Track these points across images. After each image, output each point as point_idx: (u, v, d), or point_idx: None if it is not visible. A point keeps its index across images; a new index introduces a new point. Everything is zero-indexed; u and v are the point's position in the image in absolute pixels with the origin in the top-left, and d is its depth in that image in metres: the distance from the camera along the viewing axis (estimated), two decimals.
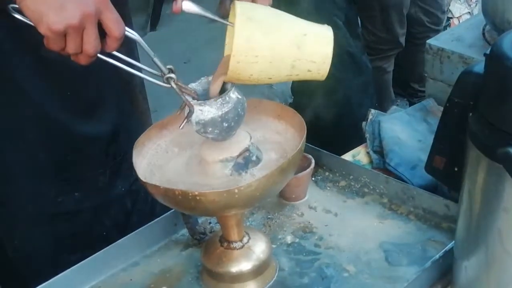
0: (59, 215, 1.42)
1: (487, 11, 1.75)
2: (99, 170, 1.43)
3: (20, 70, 1.28)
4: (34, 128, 1.34)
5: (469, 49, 1.77)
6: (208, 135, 1.10)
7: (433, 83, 1.83)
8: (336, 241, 1.33)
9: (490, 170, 0.96)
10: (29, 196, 1.40)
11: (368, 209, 1.41)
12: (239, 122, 1.11)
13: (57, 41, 0.97)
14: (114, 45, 1.01)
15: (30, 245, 1.45)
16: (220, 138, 1.12)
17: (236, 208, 1.12)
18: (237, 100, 1.10)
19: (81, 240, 1.44)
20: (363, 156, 1.65)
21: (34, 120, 1.33)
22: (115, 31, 0.99)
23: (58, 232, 1.44)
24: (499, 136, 0.92)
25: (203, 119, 1.08)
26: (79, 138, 1.38)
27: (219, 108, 1.08)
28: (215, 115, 1.08)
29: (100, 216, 1.46)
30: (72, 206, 1.42)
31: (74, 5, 0.95)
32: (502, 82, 0.92)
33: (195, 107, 1.07)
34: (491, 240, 1.01)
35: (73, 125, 1.36)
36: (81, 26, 0.96)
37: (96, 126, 1.40)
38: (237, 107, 1.10)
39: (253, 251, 1.22)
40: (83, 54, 0.99)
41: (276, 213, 1.42)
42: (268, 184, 1.08)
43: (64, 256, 1.40)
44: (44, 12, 0.95)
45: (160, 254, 1.35)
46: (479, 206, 1.02)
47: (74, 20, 0.95)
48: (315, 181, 1.49)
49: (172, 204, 1.12)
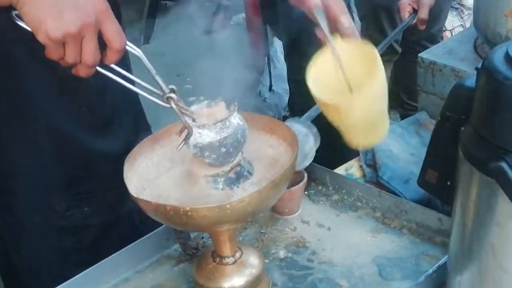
0: (67, 229, 1.43)
1: (479, 25, 1.75)
2: (110, 186, 1.42)
3: (35, 84, 1.29)
4: (47, 141, 1.35)
5: (461, 62, 1.78)
6: (205, 159, 1.09)
7: (426, 96, 1.83)
8: (329, 255, 1.32)
9: (483, 184, 0.96)
10: (38, 208, 1.41)
11: (361, 223, 1.40)
12: (238, 148, 1.10)
13: (55, 49, 0.96)
14: (114, 58, 1.00)
15: (36, 255, 1.45)
16: (217, 164, 1.10)
17: (228, 224, 1.11)
18: (237, 126, 1.09)
19: (87, 254, 1.43)
20: (356, 169, 1.65)
21: (47, 133, 1.34)
22: (116, 43, 0.98)
23: (64, 245, 1.44)
24: (491, 150, 0.92)
25: (201, 142, 1.07)
26: (92, 153, 1.38)
27: (218, 133, 1.07)
28: (213, 140, 1.07)
29: (108, 232, 1.46)
30: (80, 221, 1.43)
31: (73, 14, 0.94)
32: (494, 96, 0.92)
33: (194, 130, 1.06)
34: (484, 255, 1.00)
35: (87, 141, 1.37)
36: (80, 35, 0.95)
37: (110, 143, 1.40)
38: (237, 133, 1.08)
39: (245, 267, 1.21)
40: (82, 65, 0.98)
41: (269, 227, 1.41)
42: (260, 199, 1.07)
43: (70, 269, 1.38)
44: (42, 20, 0.94)
45: (152, 269, 1.34)
46: (472, 220, 1.02)
47: (73, 28, 0.94)
48: (308, 195, 1.49)
49: (163, 219, 1.11)
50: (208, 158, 1.08)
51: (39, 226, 1.41)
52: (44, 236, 1.42)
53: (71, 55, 0.97)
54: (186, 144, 1.07)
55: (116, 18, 0.99)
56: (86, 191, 1.41)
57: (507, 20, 1.64)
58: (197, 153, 1.08)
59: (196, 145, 1.07)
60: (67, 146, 1.35)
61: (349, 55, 1.13)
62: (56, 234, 1.42)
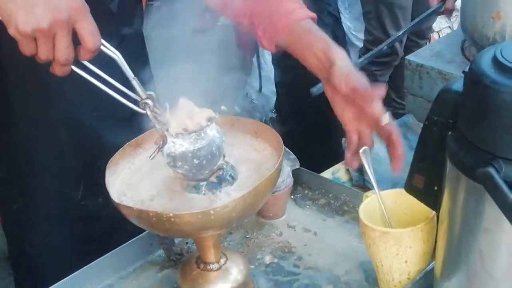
0: (81, 218, 1.45)
1: (466, 27, 1.74)
2: None
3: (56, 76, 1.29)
4: (65, 130, 1.38)
5: (449, 65, 1.77)
6: (178, 169, 1.07)
7: (413, 99, 1.82)
8: (315, 261, 1.31)
9: (470, 190, 0.94)
10: (54, 195, 1.43)
11: (348, 227, 1.39)
12: (213, 162, 1.08)
13: (26, 44, 0.95)
14: (88, 56, 0.99)
15: (48, 243, 1.47)
16: (190, 176, 1.08)
17: (212, 230, 1.09)
18: (213, 139, 1.07)
19: (97, 246, 1.43)
20: (343, 173, 1.64)
21: (66, 123, 1.37)
22: (89, 43, 0.98)
23: (76, 234, 1.46)
24: (478, 155, 0.90)
25: (174, 152, 1.05)
26: (108, 145, 1.35)
27: (191, 143, 1.05)
28: (186, 150, 1.05)
29: (118, 224, 1.42)
30: (94, 211, 1.44)
31: (45, 9, 0.93)
32: (481, 101, 0.90)
33: (168, 139, 1.04)
34: (472, 261, 0.99)
35: (104, 134, 1.37)
36: (51, 32, 0.94)
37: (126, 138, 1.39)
38: (212, 146, 1.06)
39: (230, 273, 1.19)
40: (55, 63, 0.98)
41: (255, 232, 1.39)
42: (245, 205, 1.05)
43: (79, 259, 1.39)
44: (14, 13, 0.93)
45: (135, 275, 1.32)
46: (459, 226, 1.00)
47: (43, 24, 0.93)
48: (294, 199, 1.47)
49: (146, 225, 1.09)
50: (180, 169, 1.06)
51: (54, 214, 1.44)
52: (58, 224, 1.45)
53: (43, 51, 0.96)
54: (160, 152, 1.05)
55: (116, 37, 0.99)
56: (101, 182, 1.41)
57: (495, 22, 1.63)
58: (170, 162, 1.06)
59: (169, 154, 1.05)
60: (85, 135, 1.38)
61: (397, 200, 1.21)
62: (70, 223, 1.45)
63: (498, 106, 0.88)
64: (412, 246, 1.13)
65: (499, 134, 0.89)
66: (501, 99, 0.87)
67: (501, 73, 0.88)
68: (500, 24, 1.63)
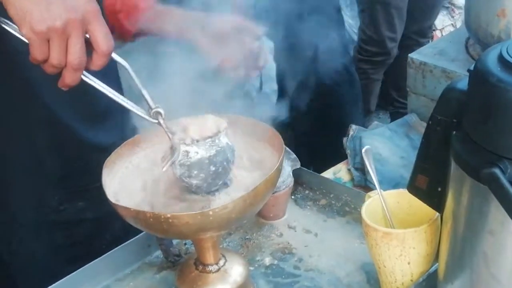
0: (60, 223, 1.41)
1: (470, 24, 1.72)
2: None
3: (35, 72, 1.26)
4: (44, 133, 1.33)
5: (452, 63, 1.75)
6: (193, 180, 1.03)
7: (416, 97, 1.79)
8: (316, 262, 1.29)
9: (475, 191, 0.92)
10: (32, 202, 1.39)
11: (349, 228, 1.37)
12: (227, 170, 1.05)
13: (39, 46, 0.92)
14: (100, 62, 0.96)
15: (27, 251, 1.43)
16: (204, 187, 1.05)
17: (211, 231, 1.07)
18: (226, 145, 1.04)
19: (79, 251, 1.41)
20: (344, 173, 1.62)
21: (44, 124, 1.32)
22: (104, 45, 0.95)
23: (56, 240, 1.42)
24: (483, 156, 0.88)
25: (188, 160, 1.02)
26: (87, 147, 1.36)
27: (207, 150, 1.02)
28: (202, 157, 1.02)
29: (100, 228, 1.44)
30: (73, 215, 1.41)
31: (60, 8, 0.91)
32: (487, 100, 0.88)
33: (180, 148, 1.01)
34: (476, 264, 0.97)
35: (82, 133, 1.35)
36: (65, 32, 0.92)
37: (104, 136, 1.38)
38: (227, 152, 1.04)
39: (229, 275, 1.17)
40: (67, 69, 0.94)
41: (254, 233, 1.37)
42: (244, 206, 1.03)
43: (61, 266, 1.36)
44: (28, 10, 0.91)
45: (133, 277, 1.30)
46: (463, 228, 0.98)
47: (58, 23, 0.91)
48: (294, 200, 1.45)
49: (144, 227, 1.07)
50: (195, 178, 1.03)
51: (32, 221, 1.40)
52: (36, 231, 1.41)
53: (56, 55, 0.93)
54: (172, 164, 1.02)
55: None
56: (80, 185, 1.40)
57: (500, 20, 1.60)
58: (184, 173, 1.03)
59: (183, 163, 1.02)
60: (63, 138, 1.33)
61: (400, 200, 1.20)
62: (49, 229, 1.40)
63: (504, 105, 0.86)
64: (415, 247, 1.11)
65: (505, 134, 0.87)
66: (507, 98, 0.85)
67: (507, 71, 0.86)
68: (505, 22, 1.60)
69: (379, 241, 1.12)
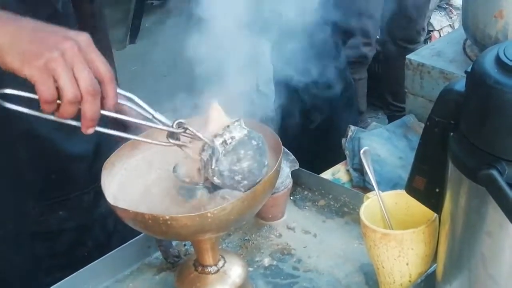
0: (41, 234, 1.39)
1: (468, 26, 1.72)
2: (84, 189, 1.40)
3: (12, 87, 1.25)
4: (24, 147, 1.30)
5: (450, 64, 1.75)
6: (243, 163, 1.02)
7: (414, 98, 1.80)
8: (315, 263, 1.29)
9: (472, 192, 0.93)
10: (11, 215, 1.36)
11: (348, 229, 1.37)
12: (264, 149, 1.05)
13: (45, 82, 0.88)
14: (112, 92, 0.93)
15: (7, 264, 1.40)
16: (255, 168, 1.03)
17: (210, 232, 1.08)
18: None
19: (61, 260, 1.40)
20: (343, 174, 1.62)
21: (24, 138, 1.29)
22: (107, 72, 0.92)
23: (37, 252, 1.40)
24: (481, 157, 0.89)
25: (230, 146, 1.01)
26: (66, 156, 1.35)
27: (240, 131, 1.02)
28: (240, 137, 1.01)
29: (82, 236, 1.43)
30: (55, 225, 1.39)
31: (54, 40, 0.90)
32: (484, 101, 0.89)
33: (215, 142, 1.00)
34: (474, 265, 0.97)
35: (61, 144, 1.33)
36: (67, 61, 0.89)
37: (81, 144, 1.36)
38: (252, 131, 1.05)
39: (228, 276, 1.17)
40: (85, 99, 0.90)
41: (253, 234, 1.37)
42: (243, 207, 1.04)
43: (42, 277, 1.36)
44: (25, 50, 0.89)
45: (132, 278, 1.30)
46: (461, 229, 0.98)
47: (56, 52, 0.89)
48: (293, 200, 1.45)
49: (142, 228, 1.07)
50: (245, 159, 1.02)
51: (12, 233, 1.37)
52: (16, 244, 1.38)
53: (68, 87, 0.89)
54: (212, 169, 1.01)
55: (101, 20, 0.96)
56: (61, 195, 1.38)
57: (497, 21, 1.61)
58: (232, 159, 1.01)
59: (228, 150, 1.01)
60: (43, 150, 1.31)
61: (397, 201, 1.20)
62: (29, 240, 1.38)
63: (501, 107, 0.86)
64: (414, 248, 1.11)
65: (502, 135, 0.87)
66: (504, 100, 0.86)
67: (504, 73, 0.87)
68: (503, 23, 1.61)
69: (377, 242, 1.12)
